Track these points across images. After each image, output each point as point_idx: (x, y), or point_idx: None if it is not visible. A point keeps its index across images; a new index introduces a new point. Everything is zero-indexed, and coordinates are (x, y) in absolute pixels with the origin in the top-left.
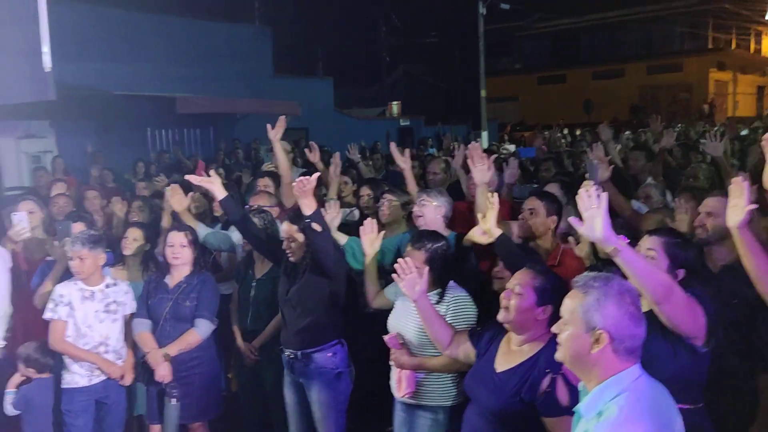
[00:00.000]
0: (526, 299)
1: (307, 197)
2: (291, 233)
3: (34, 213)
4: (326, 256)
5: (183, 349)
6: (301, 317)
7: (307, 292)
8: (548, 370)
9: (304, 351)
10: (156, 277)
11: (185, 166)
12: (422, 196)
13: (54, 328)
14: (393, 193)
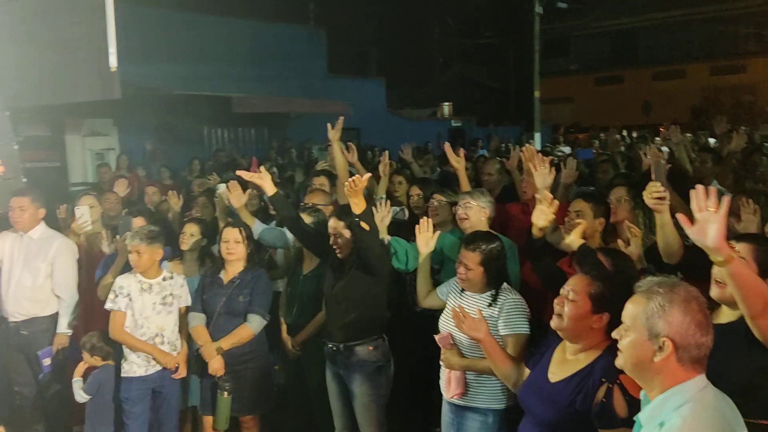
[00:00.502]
0: (580, 306)
1: (357, 196)
2: (338, 229)
3: (94, 207)
4: (372, 254)
5: (235, 344)
6: (345, 312)
7: (352, 289)
8: (604, 380)
9: (346, 344)
10: (211, 272)
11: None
12: (465, 198)
13: (114, 319)
14: (442, 193)
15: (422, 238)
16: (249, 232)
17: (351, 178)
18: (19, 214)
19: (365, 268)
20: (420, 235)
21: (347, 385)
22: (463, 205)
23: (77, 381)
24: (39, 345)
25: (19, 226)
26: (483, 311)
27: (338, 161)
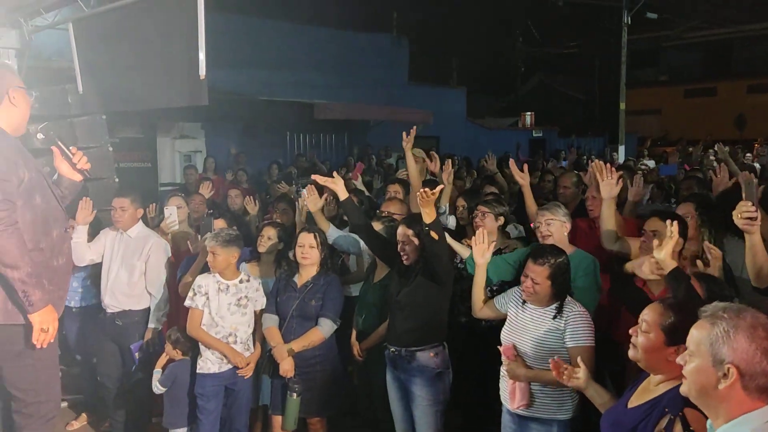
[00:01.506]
0: (652, 339)
1: (428, 206)
2: (407, 236)
3: (182, 208)
4: (440, 262)
5: (306, 347)
6: (409, 318)
7: (417, 295)
8: (667, 410)
9: (407, 349)
10: (286, 275)
11: (320, 170)
12: (545, 214)
13: (192, 316)
14: (487, 205)
15: (478, 250)
16: (324, 237)
17: (423, 189)
18: (120, 214)
19: (431, 275)
20: (476, 247)
21: (407, 390)
22: (545, 222)
23: (157, 372)
24: (131, 337)
25: (120, 225)
26: (547, 324)
27: (411, 170)
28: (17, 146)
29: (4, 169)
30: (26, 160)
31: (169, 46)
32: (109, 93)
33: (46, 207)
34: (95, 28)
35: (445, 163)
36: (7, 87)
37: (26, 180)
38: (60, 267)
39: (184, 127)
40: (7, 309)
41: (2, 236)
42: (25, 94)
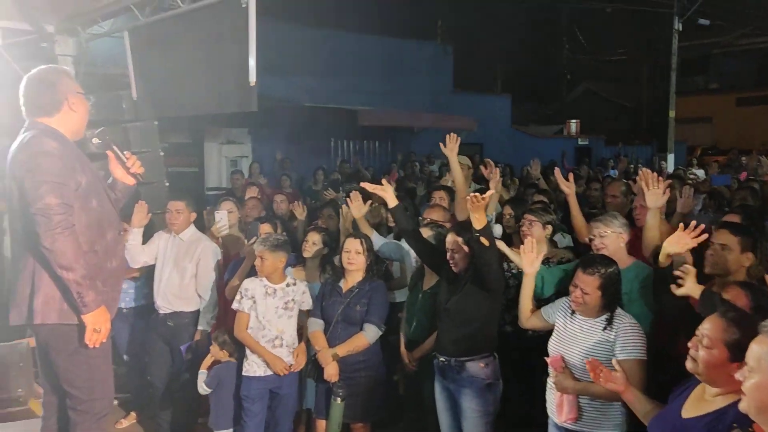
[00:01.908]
0: (716, 355)
1: (478, 211)
2: (457, 244)
3: (232, 212)
4: (490, 270)
5: (351, 352)
6: (458, 327)
7: (466, 303)
8: (735, 425)
9: (457, 358)
10: (331, 280)
11: (363, 176)
12: (598, 226)
13: (238, 319)
14: (534, 213)
15: (527, 259)
16: (370, 243)
17: (472, 194)
18: (176, 216)
19: (481, 283)
20: (524, 256)
21: (456, 400)
22: (598, 235)
23: (202, 373)
24: (181, 338)
25: (175, 227)
26: (597, 335)
27: (457, 177)
28: (76, 151)
29: (63, 173)
30: (83, 165)
31: (221, 54)
32: (161, 99)
33: (101, 210)
34: (150, 36)
35: (493, 170)
36: (66, 93)
37: (83, 184)
38: (114, 269)
39: (231, 132)
40: (62, 309)
41: (59, 239)
42: (83, 100)
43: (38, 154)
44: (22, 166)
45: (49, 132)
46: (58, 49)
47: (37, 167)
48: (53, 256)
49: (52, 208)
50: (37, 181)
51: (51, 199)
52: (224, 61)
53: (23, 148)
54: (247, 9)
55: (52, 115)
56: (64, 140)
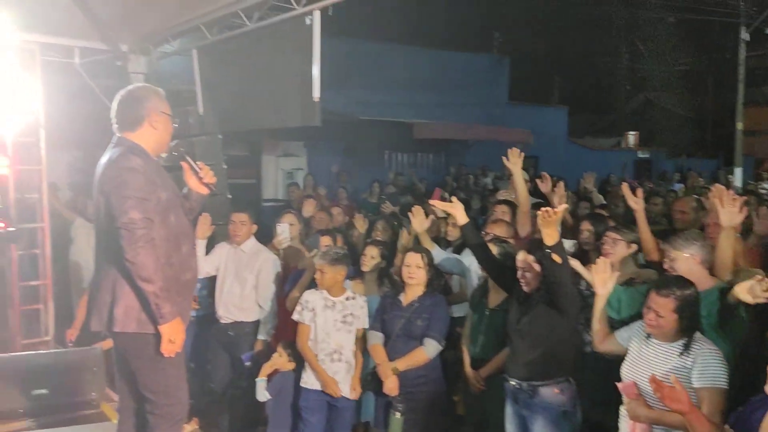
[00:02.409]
0: None
1: (550, 227)
2: (527, 263)
3: (293, 225)
4: (562, 288)
5: (411, 366)
6: (530, 349)
7: (539, 324)
8: None
9: (530, 383)
10: (392, 294)
11: (418, 189)
12: (668, 249)
13: (300, 331)
14: (618, 231)
15: (599, 279)
16: (430, 257)
17: (544, 208)
18: (240, 228)
19: (554, 303)
20: (597, 275)
21: (528, 428)
22: (669, 260)
23: (261, 381)
24: (241, 347)
25: (237, 239)
26: (673, 361)
27: (520, 191)
28: (158, 167)
29: (146, 188)
30: (164, 180)
31: (285, 70)
32: (226, 114)
33: (178, 224)
34: (216, 54)
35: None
36: (150, 111)
37: (163, 199)
38: (187, 281)
39: (288, 145)
40: (140, 319)
41: (141, 252)
42: (167, 120)
43: (125, 171)
44: (110, 181)
45: (135, 148)
46: (130, 66)
47: (123, 183)
48: (135, 268)
49: (136, 223)
50: (123, 197)
51: (135, 213)
52: (288, 77)
53: (111, 165)
54: (311, 26)
55: (134, 130)
56: (147, 156)
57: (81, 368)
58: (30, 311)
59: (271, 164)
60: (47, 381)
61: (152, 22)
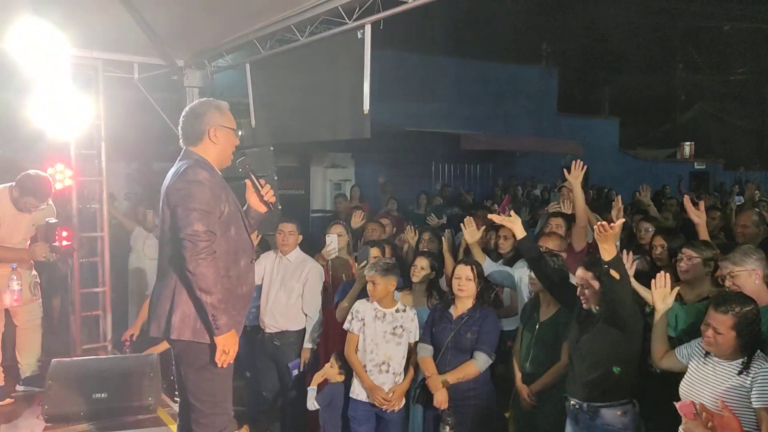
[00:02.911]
0: None
1: (607, 242)
2: (586, 279)
3: (342, 236)
4: (623, 306)
5: (461, 379)
6: (591, 369)
7: (599, 343)
8: None
9: (590, 403)
10: (441, 306)
11: (465, 200)
12: (727, 266)
13: (349, 340)
14: (693, 248)
15: (659, 294)
16: (480, 269)
17: (601, 223)
18: (287, 237)
19: (615, 321)
20: (656, 290)
21: None
22: (728, 276)
23: (312, 390)
24: (287, 356)
25: (285, 248)
26: (731, 380)
27: (578, 205)
28: (222, 180)
29: (211, 202)
30: (228, 194)
31: (335, 83)
32: (278, 126)
33: (238, 238)
34: (269, 68)
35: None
36: (209, 125)
37: (226, 212)
38: (244, 294)
39: (336, 157)
40: (195, 328)
41: (202, 264)
42: (228, 134)
43: (192, 183)
44: (177, 193)
45: (201, 162)
46: (186, 81)
47: (190, 196)
48: (195, 279)
49: (199, 235)
50: (189, 209)
51: (199, 226)
52: (339, 90)
53: (179, 177)
54: (362, 40)
55: (197, 144)
56: (212, 170)
57: (138, 374)
58: (89, 317)
59: (319, 175)
60: (106, 385)
61: (208, 38)
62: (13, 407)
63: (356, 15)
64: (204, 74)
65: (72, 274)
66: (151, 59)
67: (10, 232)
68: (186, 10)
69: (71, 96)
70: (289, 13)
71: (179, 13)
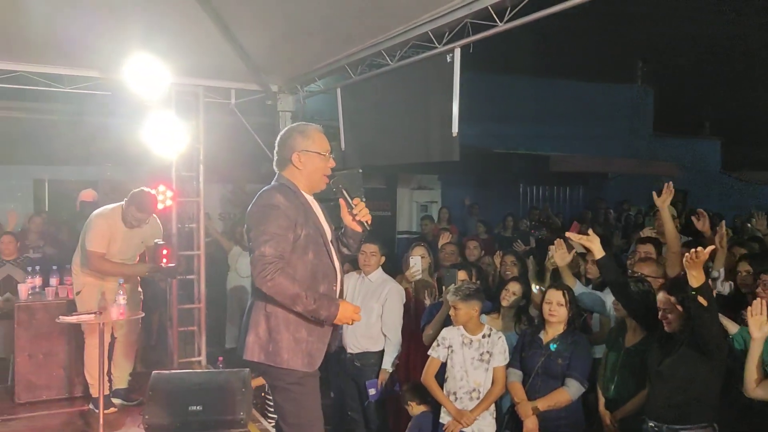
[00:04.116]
0: None
1: (696, 268)
2: (669, 303)
3: (424, 258)
4: (709, 332)
5: (551, 407)
6: (673, 393)
7: (683, 367)
8: None
9: (670, 426)
10: (531, 331)
11: (553, 223)
12: None
13: (429, 364)
14: None
15: (755, 321)
16: (572, 294)
17: (692, 250)
18: (369, 258)
19: (699, 347)
20: (752, 318)
21: None
22: None
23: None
24: (368, 377)
25: (366, 269)
26: None
27: (668, 229)
28: (304, 205)
29: (285, 226)
30: (308, 218)
31: (425, 106)
32: (367, 149)
33: (318, 262)
34: (359, 92)
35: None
36: (293, 150)
37: (302, 237)
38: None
39: (422, 178)
40: (268, 350)
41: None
42: (313, 158)
43: (265, 207)
44: (252, 216)
45: (283, 186)
46: (279, 105)
47: (262, 219)
48: (274, 295)
49: (266, 257)
50: (260, 231)
51: (267, 249)
52: (428, 113)
53: (255, 201)
54: (452, 64)
55: (284, 169)
56: (294, 194)
57: (231, 389)
58: (186, 332)
59: (406, 197)
60: (202, 398)
61: (301, 64)
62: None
63: (446, 39)
64: (296, 99)
65: (170, 290)
66: (248, 85)
67: (121, 248)
68: (281, 37)
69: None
70: (381, 38)
71: (275, 41)
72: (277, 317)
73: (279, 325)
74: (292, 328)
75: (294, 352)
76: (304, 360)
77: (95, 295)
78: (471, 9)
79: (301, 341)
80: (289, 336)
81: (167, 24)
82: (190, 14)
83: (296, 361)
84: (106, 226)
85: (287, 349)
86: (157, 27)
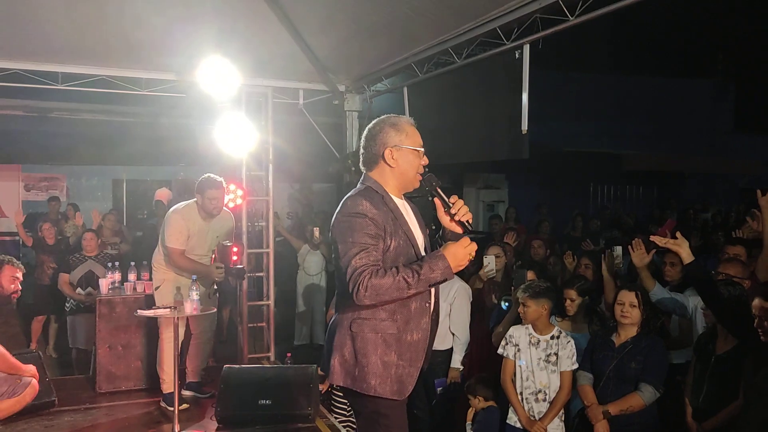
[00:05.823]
0: None
1: None
2: (763, 310)
3: (499, 257)
4: None
5: (624, 411)
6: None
7: None
8: None
9: None
10: (603, 332)
11: (625, 223)
12: None
13: (504, 366)
14: None
15: None
16: (646, 296)
17: None
18: None
19: None
20: None
21: None
22: None
23: (469, 425)
24: (435, 376)
25: None
26: None
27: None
28: (393, 211)
29: (374, 235)
30: (397, 227)
31: (493, 104)
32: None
33: None
34: (426, 90)
35: None
36: (385, 145)
37: (392, 248)
38: (414, 343)
39: (489, 177)
40: (354, 375)
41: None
42: (407, 154)
43: (351, 216)
44: (339, 225)
45: (369, 190)
46: (346, 105)
47: (350, 228)
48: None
49: (357, 270)
50: (348, 243)
51: (357, 261)
52: (495, 111)
53: (340, 209)
54: (521, 60)
55: (373, 168)
56: (380, 200)
57: (299, 384)
58: (255, 328)
59: (472, 196)
60: (271, 393)
61: (368, 64)
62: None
63: (514, 36)
64: (363, 98)
65: (240, 287)
66: (315, 85)
67: (195, 244)
68: (348, 38)
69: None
70: (447, 36)
71: (341, 41)
72: (364, 338)
73: (366, 347)
74: (380, 350)
75: (382, 378)
76: (393, 387)
77: (173, 291)
78: (541, 3)
79: (390, 365)
80: (377, 359)
81: (238, 27)
82: (260, 17)
83: (384, 388)
84: (183, 222)
85: (374, 374)
86: (228, 30)
